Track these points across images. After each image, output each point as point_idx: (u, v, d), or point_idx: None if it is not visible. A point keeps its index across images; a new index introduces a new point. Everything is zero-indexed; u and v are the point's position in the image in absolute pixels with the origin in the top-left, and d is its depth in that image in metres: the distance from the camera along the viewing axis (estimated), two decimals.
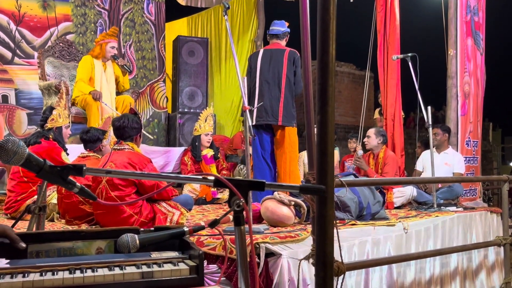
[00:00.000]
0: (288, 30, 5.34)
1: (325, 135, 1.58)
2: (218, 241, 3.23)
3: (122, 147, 3.72)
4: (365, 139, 5.92)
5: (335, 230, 2.36)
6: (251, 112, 3.83)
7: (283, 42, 5.29)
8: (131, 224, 3.50)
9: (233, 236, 3.09)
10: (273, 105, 5.04)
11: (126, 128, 3.73)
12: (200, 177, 1.34)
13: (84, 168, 1.28)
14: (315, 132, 1.68)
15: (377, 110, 8.28)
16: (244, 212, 1.31)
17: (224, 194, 6.03)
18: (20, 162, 1.24)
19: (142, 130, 3.85)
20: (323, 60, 1.55)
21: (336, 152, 7.54)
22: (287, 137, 5.10)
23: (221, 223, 3.54)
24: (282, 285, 3.07)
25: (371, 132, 5.91)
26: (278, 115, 5.04)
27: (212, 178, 1.31)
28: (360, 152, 5.82)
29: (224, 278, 3.08)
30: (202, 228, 1.73)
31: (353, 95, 14.26)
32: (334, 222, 2.40)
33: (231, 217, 4.13)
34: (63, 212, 4.03)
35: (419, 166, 6.34)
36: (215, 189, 5.99)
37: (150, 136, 6.41)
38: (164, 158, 6.54)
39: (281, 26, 5.32)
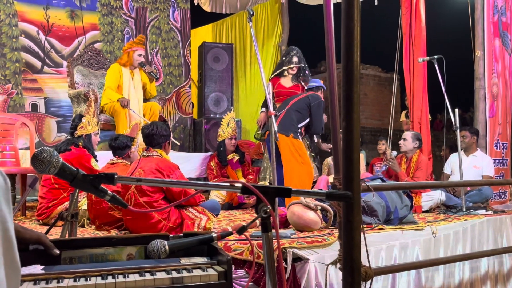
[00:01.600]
0: (322, 86, 5.81)
1: (350, 142, 1.59)
2: (245, 246, 3.26)
3: (151, 154, 3.78)
4: (401, 142, 5.84)
5: (362, 235, 2.36)
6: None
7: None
8: (160, 229, 3.55)
9: (260, 241, 3.12)
10: None
11: (155, 135, 3.79)
12: (228, 184, 1.37)
13: (116, 176, 1.31)
14: (341, 138, 1.70)
15: (403, 113, 8.21)
16: (271, 218, 1.33)
17: (251, 199, 6.06)
18: (54, 172, 1.28)
19: (171, 138, 3.90)
20: (348, 67, 1.56)
21: (362, 156, 7.50)
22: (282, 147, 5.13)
23: (248, 228, 3.57)
24: None
25: (408, 135, 5.84)
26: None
27: (239, 185, 1.33)
28: (394, 153, 5.76)
29: (252, 283, 3.11)
30: (230, 234, 1.75)
31: (378, 98, 14.16)
32: (361, 226, 2.40)
33: (258, 222, 4.17)
34: (93, 218, 4.11)
35: (447, 169, 6.26)
36: (241, 193, 6.03)
37: (177, 142, 6.47)
38: (191, 164, 6.61)
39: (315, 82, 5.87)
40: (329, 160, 6.88)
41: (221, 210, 5.01)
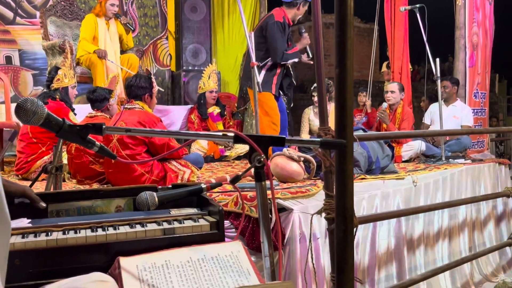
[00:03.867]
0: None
1: (344, 89, 1.56)
2: (230, 198, 3.26)
3: (133, 106, 3.71)
4: (389, 95, 5.80)
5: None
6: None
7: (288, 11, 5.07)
8: (143, 182, 3.52)
9: (244, 193, 3.12)
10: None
11: (133, 87, 3.72)
12: (220, 133, 1.34)
13: (104, 126, 1.27)
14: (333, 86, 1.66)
15: (384, 64, 8.20)
16: (264, 168, 1.31)
17: (232, 152, 6.06)
18: (40, 122, 1.23)
19: (154, 90, 3.82)
20: (341, 12, 1.52)
21: None
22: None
23: (224, 181, 3.55)
24: (293, 239, 3.11)
25: (395, 87, 5.82)
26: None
27: (231, 134, 1.30)
28: (384, 104, 5.75)
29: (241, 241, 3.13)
30: (220, 184, 1.74)
31: (357, 49, 14.09)
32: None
33: (227, 177, 4.12)
34: (74, 172, 4.06)
35: (427, 119, 6.31)
36: (223, 147, 6.02)
37: (161, 89, 6.33)
38: (170, 117, 6.54)
39: None
40: (310, 112, 6.87)
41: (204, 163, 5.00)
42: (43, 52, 6.32)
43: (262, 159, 1.28)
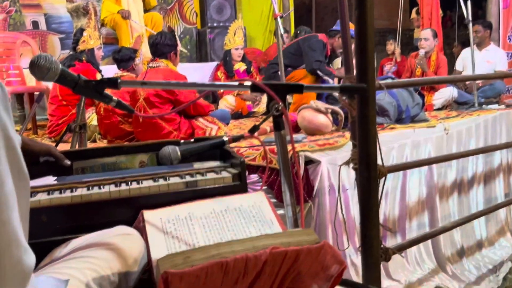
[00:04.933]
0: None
1: (364, 31, 1.50)
2: (257, 152, 3.25)
3: (157, 65, 3.69)
4: (422, 42, 5.64)
5: (378, 136, 2.33)
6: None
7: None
8: None
9: (272, 147, 3.12)
10: None
11: (159, 44, 3.69)
12: (236, 83, 1.31)
13: (119, 80, 1.26)
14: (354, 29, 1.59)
15: (414, 10, 7.93)
16: (283, 116, 1.29)
17: (260, 107, 6.02)
18: (55, 78, 1.23)
19: (178, 48, 3.79)
20: None
21: None
22: None
23: (259, 134, 3.55)
24: (322, 191, 3.10)
25: (428, 33, 5.64)
26: None
27: (248, 83, 1.28)
28: (422, 51, 5.59)
29: (266, 187, 3.13)
30: (242, 137, 1.72)
31: None
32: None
33: (268, 128, 4.14)
34: (104, 133, 4.11)
35: (458, 65, 6.12)
36: (250, 103, 5.99)
37: (184, 50, 6.30)
38: (198, 74, 6.51)
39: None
40: (338, 62, 6.74)
41: (231, 119, 4.99)
42: (68, 16, 6.33)
43: (280, 108, 1.25)
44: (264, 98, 5.89)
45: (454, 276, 3.51)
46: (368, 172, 1.59)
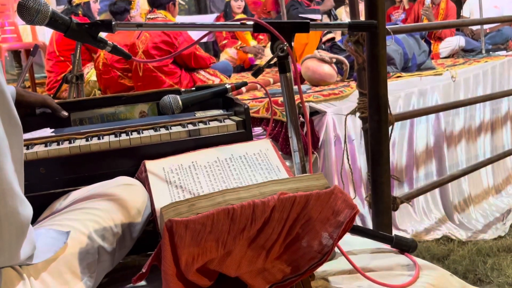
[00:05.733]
0: None
1: None
2: (261, 104, 3.19)
3: (155, 16, 3.58)
4: None
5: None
6: None
7: None
8: None
9: (275, 98, 3.05)
10: None
11: None
12: (238, 23, 1.23)
13: (114, 23, 1.18)
14: None
15: None
16: (288, 57, 1.21)
17: (262, 60, 5.91)
18: (45, 22, 1.15)
19: None
20: None
21: None
22: None
23: (263, 85, 3.47)
24: (328, 142, 3.06)
25: None
26: None
27: (251, 22, 1.20)
28: (427, 1, 5.42)
29: (270, 139, 3.09)
30: (245, 84, 1.65)
31: None
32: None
33: (271, 80, 4.05)
34: (104, 88, 4.04)
35: (465, 11, 5.96)
36: (252, 55, 5.87)
37: (182, 2, 6.12)
38: None
39: None
40: (342, 11, 6.57)
41: (233, 72, 4.90)
42: None
43: (285, 48, 1.18)
44: (267, 50, 5.77)
45: (461, 225, 3.50)
46: (379, 115, 1.53)
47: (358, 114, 2.50)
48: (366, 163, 2.62)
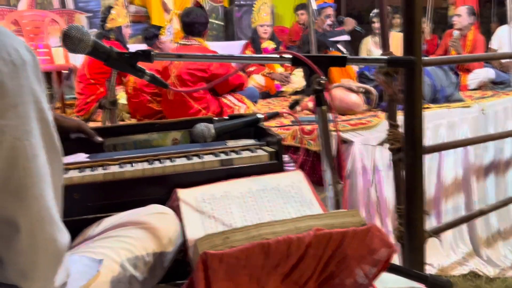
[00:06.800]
0: None
1: (412, 1, 1.40)
2: (288, 132, 3.19)
3: (190, 43, 3.61)
4: (455, 18, 5.47)
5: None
6: None
7: None
8: None
9: (302, 126, 3.04)
10: None
11: (196, 24, 3.60)
12: (277, 56, 1.24)
13: (153, 53, 1.20)
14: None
15: None
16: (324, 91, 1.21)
17: (288, 87, 5.92)
18: (87, 50, 1.17)
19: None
20: None
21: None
22: None
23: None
24: (354, 172, 3.03)
25: (462, 10, 5.45)
26: None
27: (289, 56, 1.20)
28: (456, 32, 5.41)
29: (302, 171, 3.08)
30: (277, 114, 1.66)
31: None
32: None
33: (298, 108, 4.05)
34: (133, 112, 4.08)
35: (494, 43, 5.91)
36: (279, 82, 5.89)
37: (219, 22, 6.17)
38: (226, 53, 6.43)
39: None
40: (368, 41, 6.58)
41: (259, 99, 4.91)
42: None
43: (322, 81, 1.18)
44: (294, 78, 5.80)
45: (489, 261, 3.42)
46: (414, 150, 1.51)
47: (387, 145, 2.48)
48: (395, 195, 2.58)
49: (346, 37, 5.24)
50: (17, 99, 0.83)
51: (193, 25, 3.60)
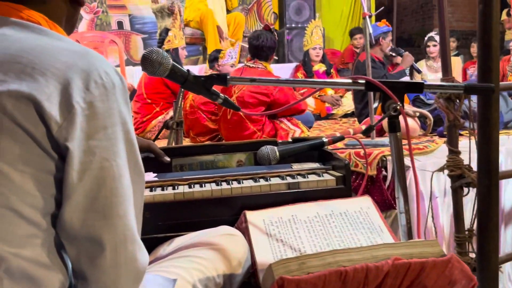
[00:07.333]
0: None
1: (489, 26, 1.38)
2: (342, 156, 3.16)
3: (256, 66, 3.63)
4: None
5: (471, 141, 2.18)
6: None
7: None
8: None
9: (357, 150, 3.01)
10: None
11: (265, 47, 3.63)
12: (350, 80, 1.24)
13: (228, 77, 1.22)
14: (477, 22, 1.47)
15: (504, 11, 7.51)
16: (400, 117, 1.20)
17: (339, 110, 5.90)
18: (165, 74, 1.21)
19: None
20: None
21: (460, 60, 7.00)
22: None
23: (347, 135, 3.46)
24: (410, 198, 2.97)
25: None
26: None
27: (363, 81, 1.20)
28: None
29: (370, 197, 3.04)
30: (342, 138, 1.66)
31: None
32: (469, 132, 2.22)
33: (351, 130, 4.01)
34: (187, 129, 4.13)
35: None
36: (330, 105, 5.88)
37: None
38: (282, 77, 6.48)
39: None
40: (422, 65, 6.49)
41: None
42: (151, 16, 6.48)
43: (398, 107, 1.17)
44: (345, 100, 5.77)
45: None
46: (489, 180, 1.48)
47: (446, 171, 2.42)
48: (454, 222, 2.52)
49: (407, 79, 5.15)
50: (107, 121, 0.86)
51: (261, 48, 3.61)
